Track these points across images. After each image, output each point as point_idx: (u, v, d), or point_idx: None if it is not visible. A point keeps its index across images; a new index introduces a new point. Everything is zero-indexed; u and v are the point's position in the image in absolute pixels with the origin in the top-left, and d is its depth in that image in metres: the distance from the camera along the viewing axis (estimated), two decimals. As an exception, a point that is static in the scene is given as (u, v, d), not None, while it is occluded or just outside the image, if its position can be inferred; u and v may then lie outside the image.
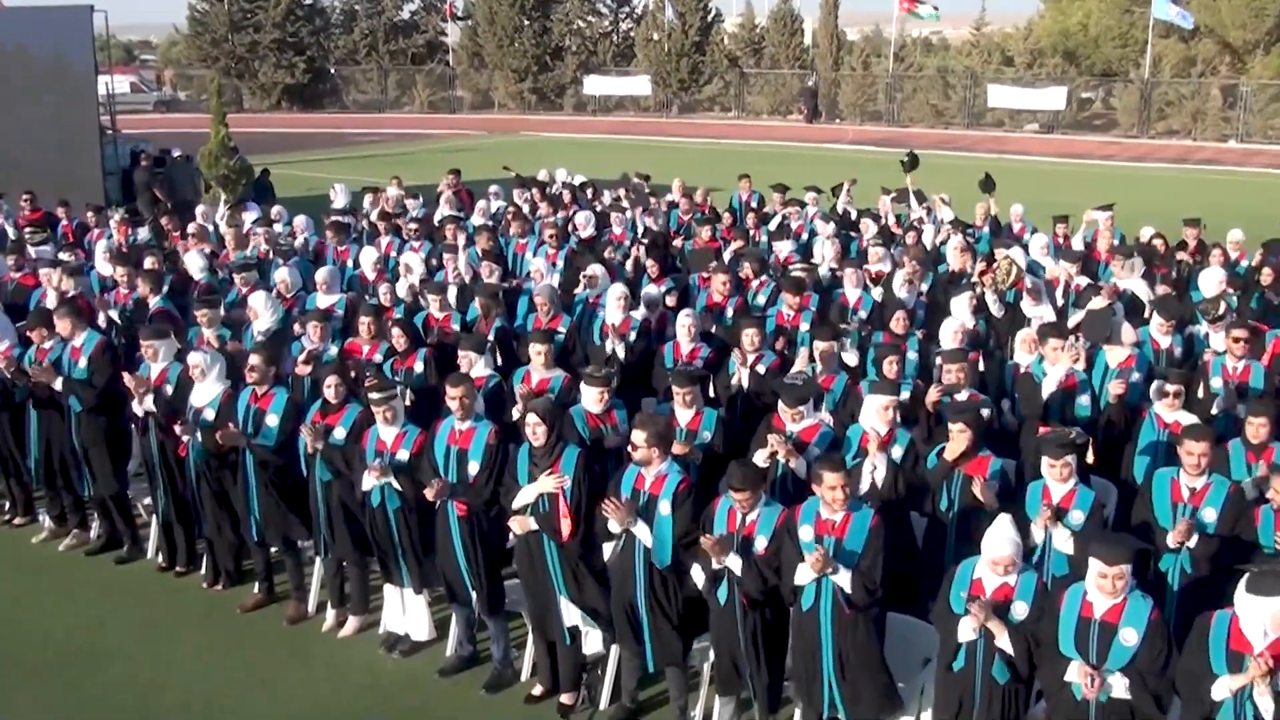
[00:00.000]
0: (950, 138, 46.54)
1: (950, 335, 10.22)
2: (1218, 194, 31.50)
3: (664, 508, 7.11)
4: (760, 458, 8.10)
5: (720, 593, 6.95)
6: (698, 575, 7.02)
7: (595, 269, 12.20)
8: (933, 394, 8.93)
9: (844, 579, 6.49)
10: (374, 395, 8.06)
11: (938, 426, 8.64)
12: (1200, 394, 9.53)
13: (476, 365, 9.23)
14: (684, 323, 10.30)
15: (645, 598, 7.27)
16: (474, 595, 8.01)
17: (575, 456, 7.48)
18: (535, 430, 7.46)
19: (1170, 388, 8.49)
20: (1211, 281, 11.84)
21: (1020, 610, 6.09)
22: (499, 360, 10.32)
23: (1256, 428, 7.91)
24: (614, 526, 7.18)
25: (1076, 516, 7.07)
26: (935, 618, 6.42)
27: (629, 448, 7.31)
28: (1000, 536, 6.16)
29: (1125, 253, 12.86)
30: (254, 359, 8.82)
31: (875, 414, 8.03)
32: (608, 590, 7.54)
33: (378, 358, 10.11)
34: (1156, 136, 45.96)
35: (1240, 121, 44.81)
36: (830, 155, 40.43)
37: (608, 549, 7.51)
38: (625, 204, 16.71)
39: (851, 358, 10.25)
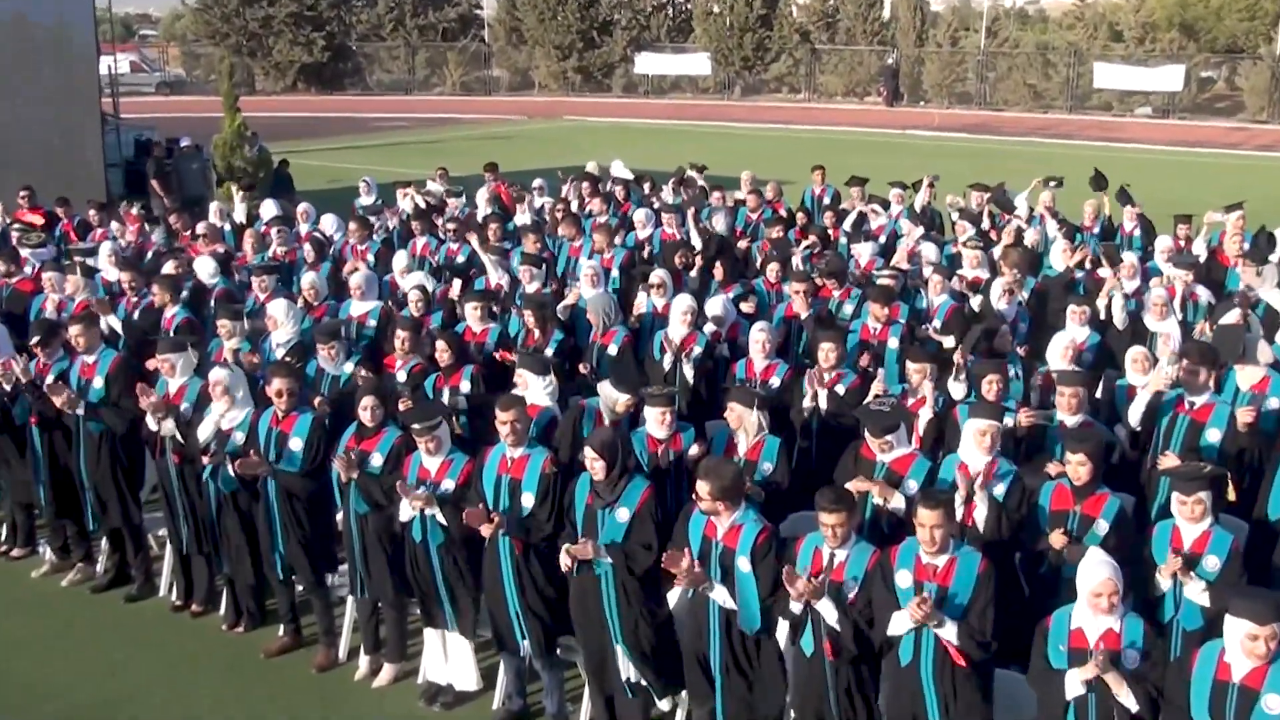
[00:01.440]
0: (1050, 123, 46.34)
1: (1060, 352, 10.18)
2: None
3: (743, 564, 7.13)
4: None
5: (805, 642, 6.99)
6: (783, 633, 7.08)
7: (660, 274, 12.27)
8: (1023, 417, 8.91)
9: (949, 632, 6.50)
10: (415, 427, 8.16)
11: (1035, 456, 8.65)
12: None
13: (533, 388, 9.30)
14: (758, 337, 10.34)
15: (721, 657, 7.34)
16: (525, 642, 8.11)
17: (641, 490, 7.58)
18: (594, 465, 7.57)
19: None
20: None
21: (1132, 658, 6.11)
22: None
23: None
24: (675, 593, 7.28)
25: (1211, 563, 7.01)
26: (1032, 679, 6.45)
27: (693, 495, 7.36)
28: (1094, 562, 6.21)
29: (1259, 258, 12.78)
30: (279, 381, 8.88)
31: (973, 442, 8.03)
32: (673, 641, 7.61)
33: (401, 375, 10.22)
34: (1291, 122, 45.61)
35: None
36: (913, 144, 40.41)
37: (674, 595, 7.59)
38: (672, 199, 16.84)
39: (959, 389, 10.13)
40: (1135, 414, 9.53)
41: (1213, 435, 8.87)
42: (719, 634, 7.33)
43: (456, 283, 12.89)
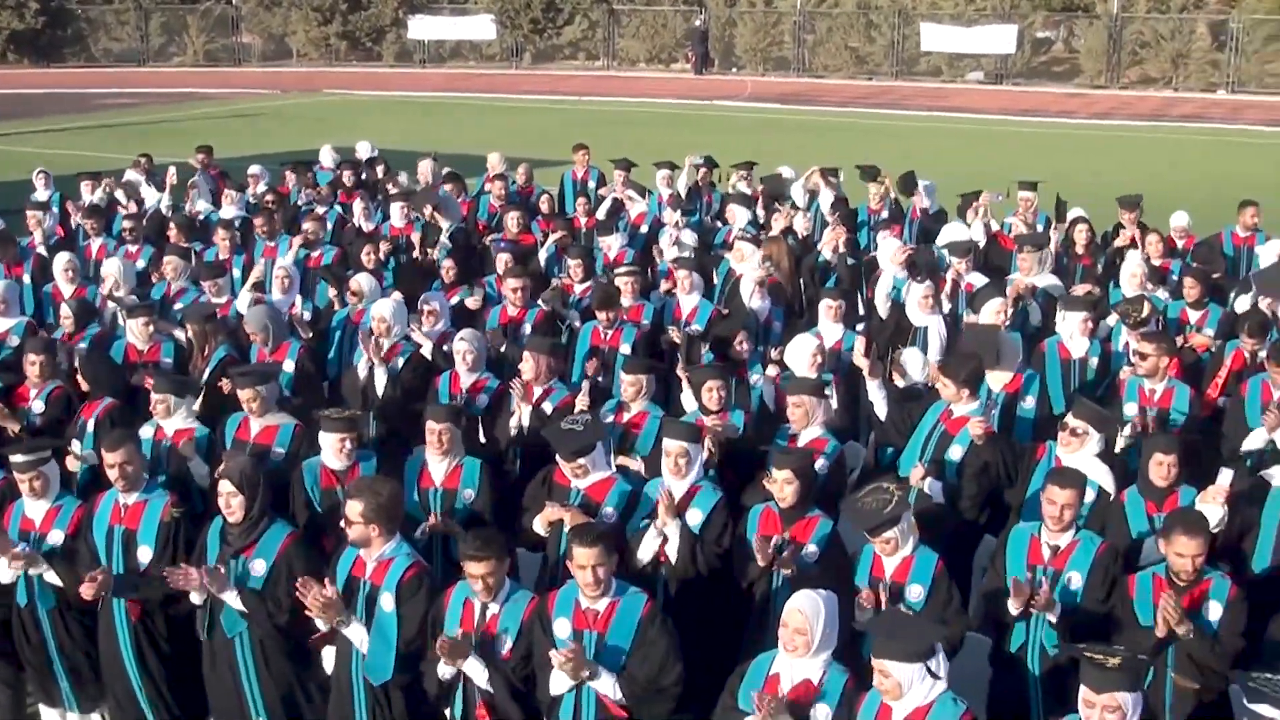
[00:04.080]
0: (874, 91, 47.47)
1: (804, 356, 10.27)
2: (1203, 158, 32.59)
3: (386, 602, 7.04)
4: (539, 525, 8.09)
5: (456, 709, 6.90)
6: (430, 685, 6.97)
7: (360, 279, 12.11)
8: (709, 423, 8.98)
9: (605, 684, 6.50)
10: (16, 459, 7.85)
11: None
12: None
13: (177, 413, 9.05)
14: (460, 347, 10.26)
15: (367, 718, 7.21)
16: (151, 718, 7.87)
17: (282, 536, 7.43)
18: (230, 502, 7.39)
19: (1073, 423, 8.60)
20: (1126, 276, 12.16)
21: (823, 714, 6.16)
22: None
23: (1157, 468, 8.13)
24: (323, 625, 7.11)
25: (915, 592, 7.22)
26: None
27: (343, 522, 7.22)
28: (795, 598, 6.26)
29: (1035, 242, 13.16)
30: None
31: (667, 464, 8.07)
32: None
33: (38, 406, 9.84)
34: (1129, 86, 47.53)
35: (1230, 67, 46.40)
36: (723, 116, 40.89)
37: (329, 656, 7.44)
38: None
39: (690, 400, 10.14)
40: (880, 406, 9.71)
41: (955, 451, 9.09)
42: (363, 696, 7.18)
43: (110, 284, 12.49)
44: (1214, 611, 7.00)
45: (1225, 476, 7.92)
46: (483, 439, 9.91)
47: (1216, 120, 40.40)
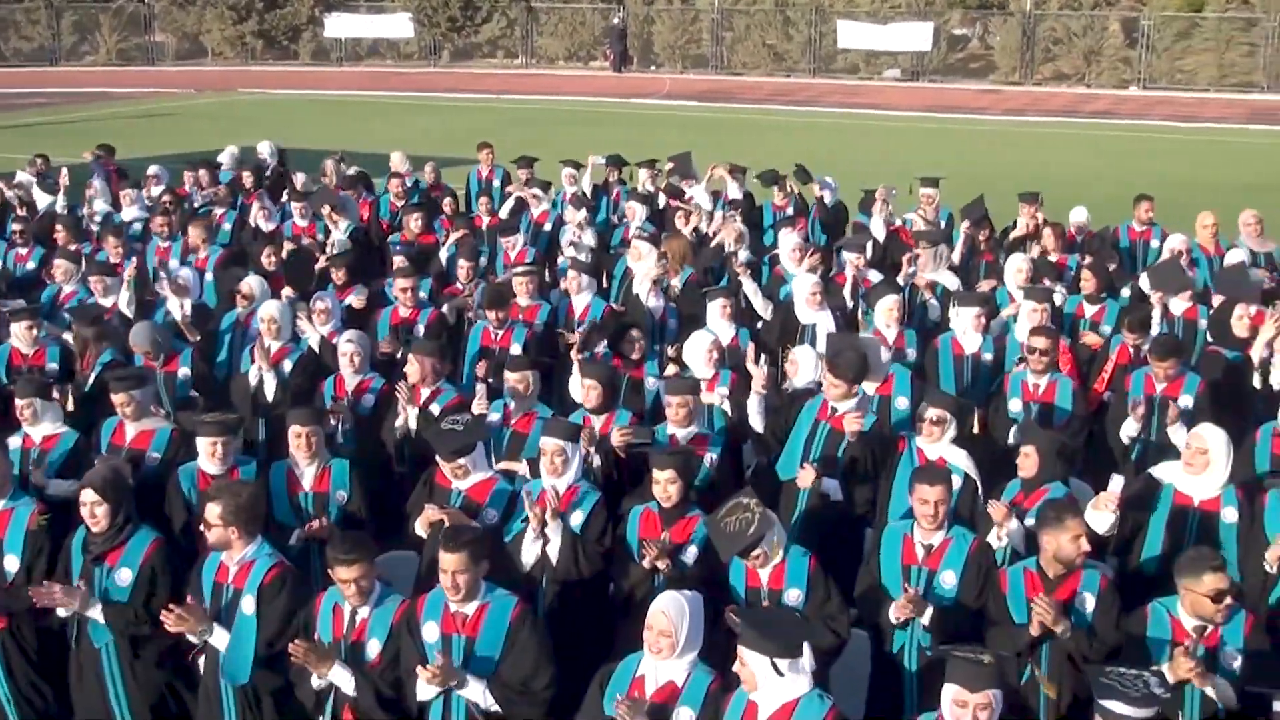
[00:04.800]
0: (791, 88, 47.64)
1: (700, 354, 10.24)
2: (1113, 154, 32.91)
3: (247, 605, 6.96)
4: (420, 528, 8.02)
5: (326, 715, 6.81)
6: (304, 696, 6.87)
7: (250, 282, 11.95)
8: (617, 436, 8.97)
9: (473, 691, 6.43)
10: None
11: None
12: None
13: (44, 418, 8.93)
14: (345, 349, 10.16)
15: (239, 732, 7.12)
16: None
17: (147, 543, 7.33)
18: (94, 511, 7.29)
19: (931, 413, 8.67)
20: (1012, 271, 12.23)
21: (686, 715, 6.11)
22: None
23: (1024, 459, 8.19)
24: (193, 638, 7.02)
25: (793, 595, 7.18)
26: None
27: (202, 525, 7.12)
28: (659, 600, 6.21)
29: (931, 238, 13.21)
30: None
31: (544, 463, 8.02)
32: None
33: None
34: (1043, 83, 47.90)
35: (1142, 63, 46.97)
36: (641, 113, 40.87)
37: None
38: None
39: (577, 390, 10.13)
40: (755, 418, 9.67)
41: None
42: (232, 702, 7.09)
43: None
44: (1087, 604, 7.03)
45: (1116, 483, 7.97)
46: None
47: (1127, 116, 40.83)
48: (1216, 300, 11.53)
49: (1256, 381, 10.24)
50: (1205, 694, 6.46)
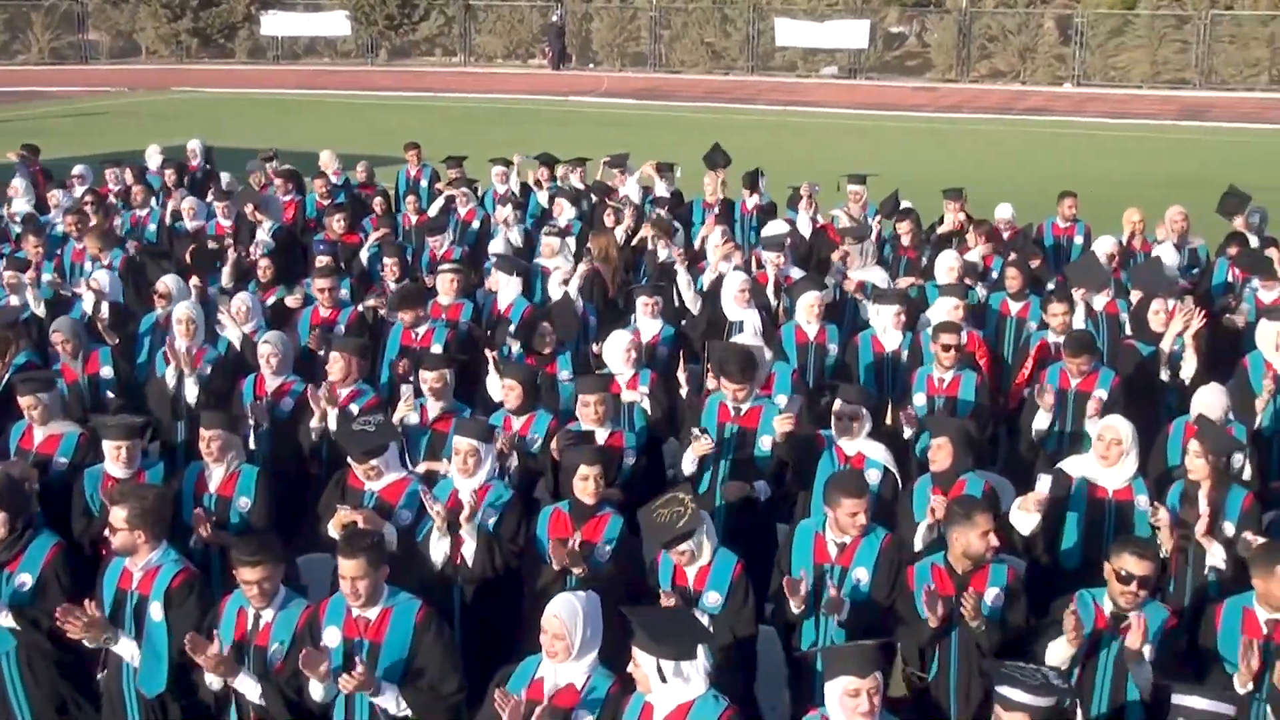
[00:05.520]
0: (728, 86, 47.67)
1: (620, 352, 10.20)
2: (1047, 151, 33.13)
3: (155, 612, 6.89)
4: (333, 530, 7.95)
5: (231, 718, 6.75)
6: (205, 695, 6.80)
7: (167, 281, 11.83)
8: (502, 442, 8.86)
9: (387, 699, 6.38)
10: None
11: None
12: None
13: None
14: (264, 350, 10.07)
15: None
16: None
17: (48, 548, 7.27)
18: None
19: (844, 409, 8.68)
20: (943, 269, 12.27)
21: None
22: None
23: (935, 451, 8.21)
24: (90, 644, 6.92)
25: (712, 598, 7.18)
26: None
27: (107, 530, 7.02)
28: (554, 603, 6.19)
29: (856, 235, 13.23)
30: None
31: (458, 461, 7.98)
32: None
33: None
34: (978, 80, 48.14)
35: (1076, 60, 47.32)
36: (579, 112, 40.80)
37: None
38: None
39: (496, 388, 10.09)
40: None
41: (766, 443, 9.07)
42: (136, 711, 6.99)
43: None
44: (995, 598, 7.05)
45: (1044, 483, 8.00)
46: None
47: (1061, 113, 41.07)
48: (1135, 295, 11.60)
49: (1165, 375, 10.36)
50: (1114, 684, 6.51)
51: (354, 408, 9.54)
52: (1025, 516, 7.90)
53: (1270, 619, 6.63)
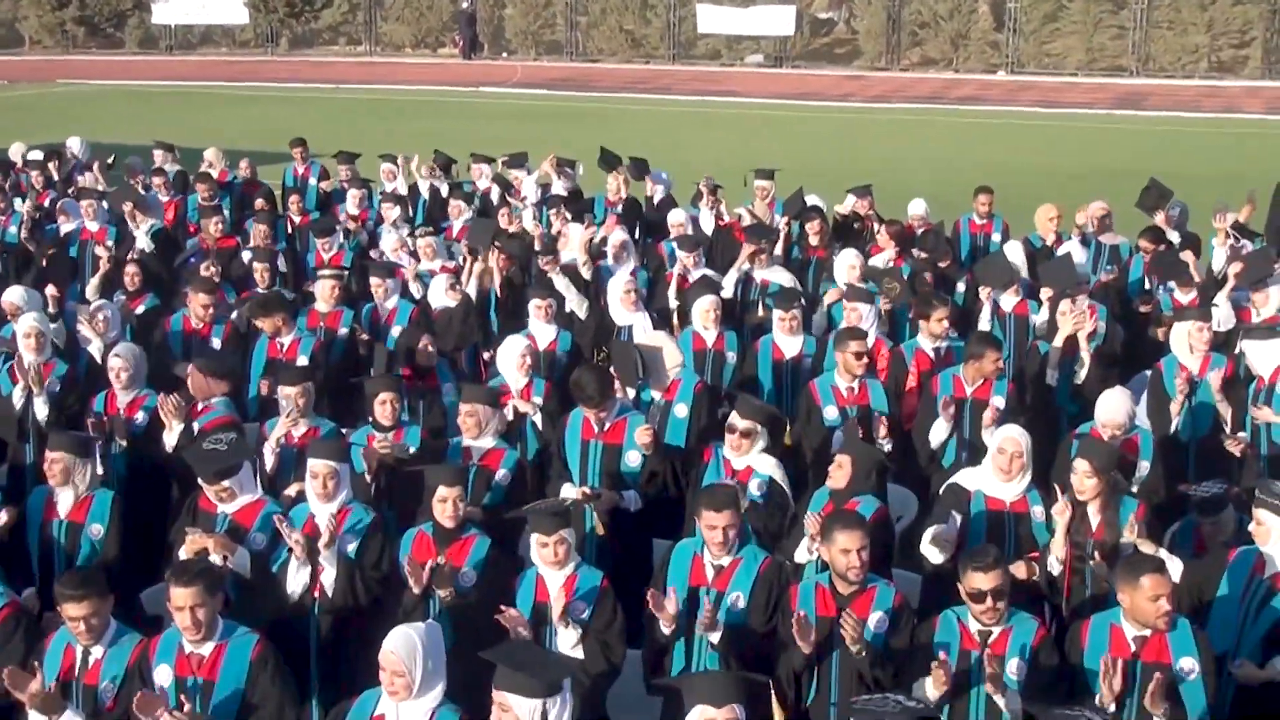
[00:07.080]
0: (648, 75, 47.76)
1: (513, 359, 10.09)
2: (978, 141, 33.39)
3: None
4: (184, 556, 7.79)
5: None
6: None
7: (12, 294, 11.53)
8: (376, 447, 8.84)
9: (209, 735, 6.26)
10: None
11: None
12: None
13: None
14: (115, 364, 9.88)
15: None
16: None
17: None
18: None
19: (740, 424, 8.62)
20: (843, 268, 12.26)
21: None
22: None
23: (836, 469, 8.19)
24: None
25: (578, 609, 7.12)
26: None
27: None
28: (390, 638, 6.07)
29: (759, 233, 13.17)
30: None
31: (315, 485, 7.84)
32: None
33: None
34: (909, 68, 48.48)
35: (1010, 47, 47.76)
36: (490, 103, 40.75)
37: None
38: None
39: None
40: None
41: (633, 458, 9.03)
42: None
43: None
44: (878, 622, 7.01)
45: (955, 520, 8.07)
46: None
47: (993, 102, 41.43)
48: (1044, 294, 11.62)
49: (1051, 378, 10.44)
50: (988, 708, 6.51)
51: (196, 425, 9.35)
52: (935, 551, 7.92)
53: (1138, 635, 6.64)
